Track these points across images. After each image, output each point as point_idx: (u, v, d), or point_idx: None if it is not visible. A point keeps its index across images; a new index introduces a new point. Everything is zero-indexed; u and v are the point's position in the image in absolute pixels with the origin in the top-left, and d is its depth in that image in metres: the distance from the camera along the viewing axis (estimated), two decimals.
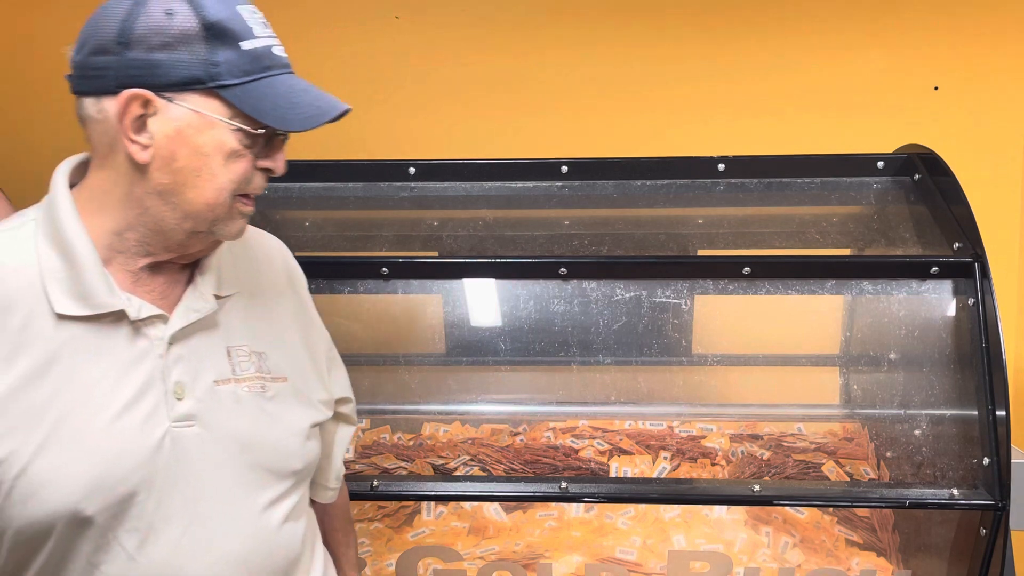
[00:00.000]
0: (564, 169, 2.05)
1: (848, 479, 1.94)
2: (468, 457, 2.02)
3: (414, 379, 2.22)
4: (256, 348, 1.15)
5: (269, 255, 1.26)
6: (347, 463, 2.10)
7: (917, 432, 1.86)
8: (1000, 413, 1.61)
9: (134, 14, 0.98)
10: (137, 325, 1.04)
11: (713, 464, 2.04)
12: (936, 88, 2.40)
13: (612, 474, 1.99)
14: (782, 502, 1.78)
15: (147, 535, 1.03)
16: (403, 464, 2.04)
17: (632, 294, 1.91)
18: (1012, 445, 1.63)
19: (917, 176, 1.95)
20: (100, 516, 1.00)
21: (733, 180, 2.04)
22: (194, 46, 0.98)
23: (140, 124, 0.98)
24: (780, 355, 2.23)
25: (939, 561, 1.78)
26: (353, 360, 2.25)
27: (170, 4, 0.98)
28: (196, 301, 1.09)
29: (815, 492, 1.74)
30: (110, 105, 0.99)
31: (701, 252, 2.12)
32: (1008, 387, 1.62)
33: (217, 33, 0.98)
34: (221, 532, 1.08)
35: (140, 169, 1.00)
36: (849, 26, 2.41)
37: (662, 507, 1.92)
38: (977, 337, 1.65)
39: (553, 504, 1.96)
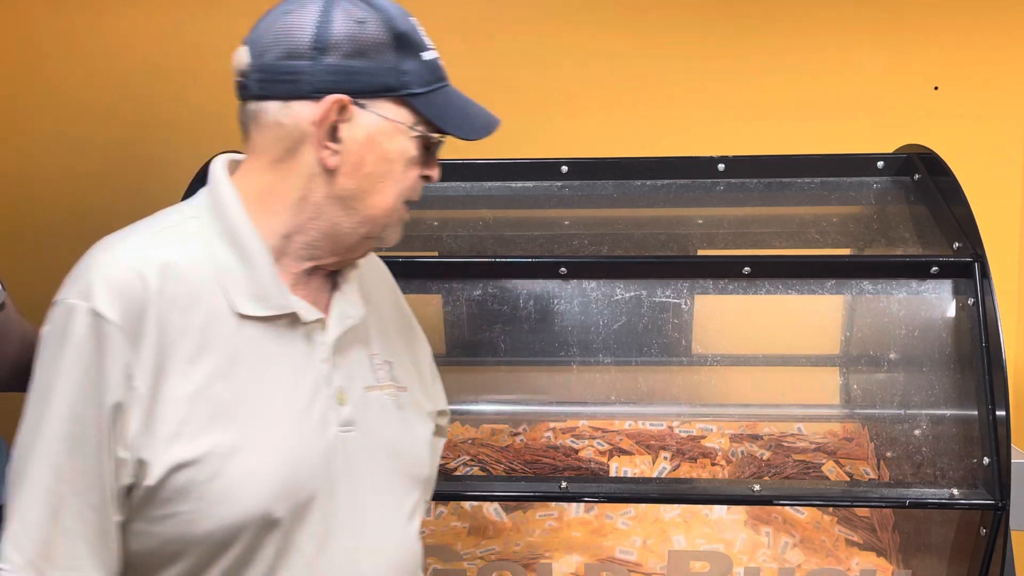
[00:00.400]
0: (564, 169, 2.05)
1: (848, 479, 1.94)
2: (468, 457, 2.02)
3: None
4: (386, 357, 1.16)
5: (378, 265, 1.28)
6: None
7: (917, 432, 1.86)
8: (1000, 413, 1.61)
9: (326, 21, 1.00)
10: (304, 328, 1.05)
11: (713, 464, 2.04)
12: (936, 88, 2.40)
13: (612, 474, 1.99)
14: (782, 502, 1.78)
15: (324, 540, 1.03)
16: None
17: (632, 294, 1.91)
18: (1012, 445, 1.63)
19: (917, 176, 1.95)
20: (287, 519, 1.00)
21: (733, 180, 2.04)
22: (385, 55, 1.01)
23: (332, 129, 1.00)
24: (780, 355, 2.23)
25: (939, 561, 1.78)
26: None
27: (360, 14, 1.01)
28: (349, 307, 1.10)
29: (815, 492, 1.74)
30: (302, 109, 1.00)
31: (701, 252, 2.12)
32: (1008, 387, 1.62)
33: (404, 43, 1.02)
34: (383, 540, 1.09)
35: (325, 174, 1.01)
36: (849, 26, 2.41)
37: (662, 507, 1.92)
38: (977, 337, 1.65)
39: (553, 504, 1.96)
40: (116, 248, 1.00)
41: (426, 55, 1.04)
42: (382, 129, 1.02)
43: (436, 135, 1.06)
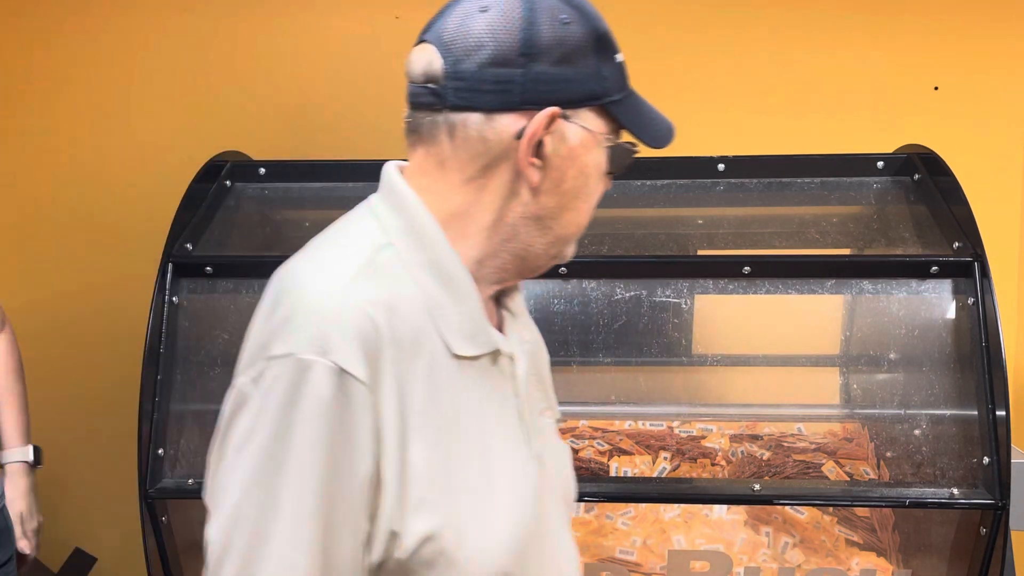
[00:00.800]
0: None
1: (848, 479, 1.94)
2: None
3: None
4: (533, 373, 1.07)
5: None
6: None
7: (917, 432, 1.86)
8: (1000, 413, 1.61)
9: (532, 22, 0.89)
10: (499, 363, 0.95)
11: (713, 464, 2.04)
12: (936, 88, 2.40)
13: (612, 474, 1.98)
14: (782, 501, 1.78)
15: None
16: None
17: (632, 294, 1.91)
18: (1012, 445, 1.63)
19: (917, 176, 1.95)
20: (518, 570, 0.91)
21: (733, 180, 2.04)
22: (588, 59, 0.91)
23: (538, 144, 0.89)
24: (780, 355, 2.23)
25: (939, 561, 1.78)
26: None
27: (562, 12, 0.90)
28: (523, 331, 1.02)
29: (815, 491, 1.74)
30: (507, 122, 0.89)
31: (701, 252, 2.12)
32: (1008, 387, 1.62)
33: (603, 45, 0.92)
34: (572, 569, 1.01)
35: (524, 193, 0.91)
36: (849, 26, 2.41)
37: (662, 507, 1.92)
38: (977, 337, 1.65)
39: None
40: (331, 286, 0.86)
41: (618, 57, 0.94)
42: (583, 141, 0.92)
43: (631, 145, 0.96)
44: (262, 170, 2.08)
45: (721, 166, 2.02)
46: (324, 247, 0.93)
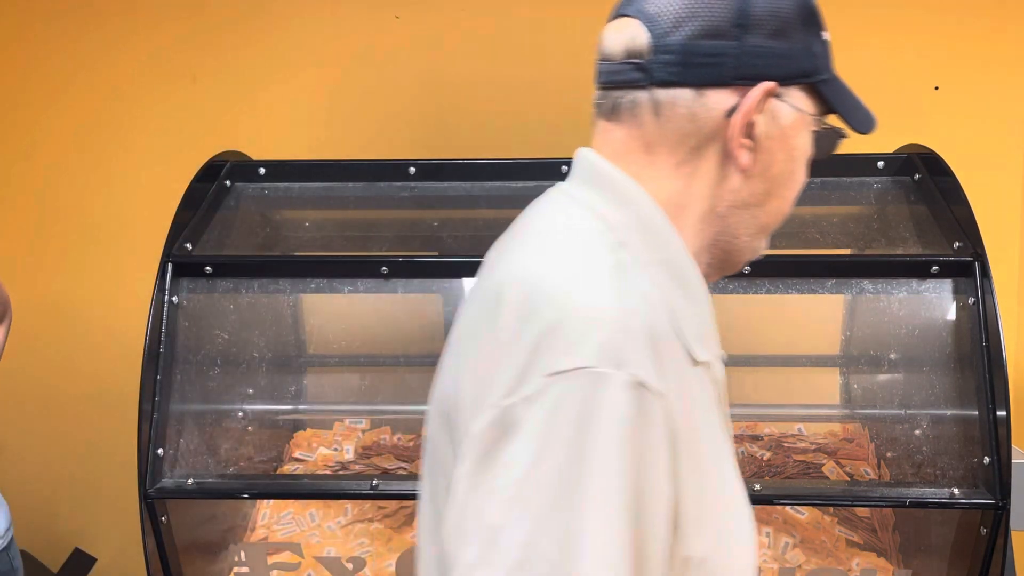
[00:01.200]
0: (564, 169, 2.04)
1: (848, 479, 1.94)
2: None
3: (414, 379, 2.22)
4: None
5: None
6: (347, 463, 2.11)
7: (917, 432, 1.86)
8: (1000, 413, 1.61)
9: None
10: (715, 366, 0.88)
11: None
12: (936, 88, 2.40)
13: None
14: (782, 501, 1.78)
15: None
16: (403, 464, 2.04)
17: None
18: (1012, 445, 1.63)
19: (917, 176, 1.95)
20: None
21: None
22: (799, 34, 0.84)
23: (749, 123, 0.83)
24: (780, 355, 2.23)
25: (939, 561, 1.78)
26: (353, 360, 2.27)
27: None
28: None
29: (815, 492, 1.74)
30: (719, 99, 0.82)
31: None
32: (1008, 387, 1.62)
33: (814, 19, 0.85)
34: None
35: (734, 176, 0.85)
36: (849, 25, 2.41)
37: None
38: (977, 337, 1.65)
39: None
40: (598, 290, 0.77)
41: (825, 35, 0.87)
42: (793, 123, 0.85)
43: (840, 130, 0.89)
44: (262, 170, 2.08)
45: None
46: (547, 247, 0.83)
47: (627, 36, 0.84)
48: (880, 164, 2.00)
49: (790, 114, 0.84)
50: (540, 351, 0.73)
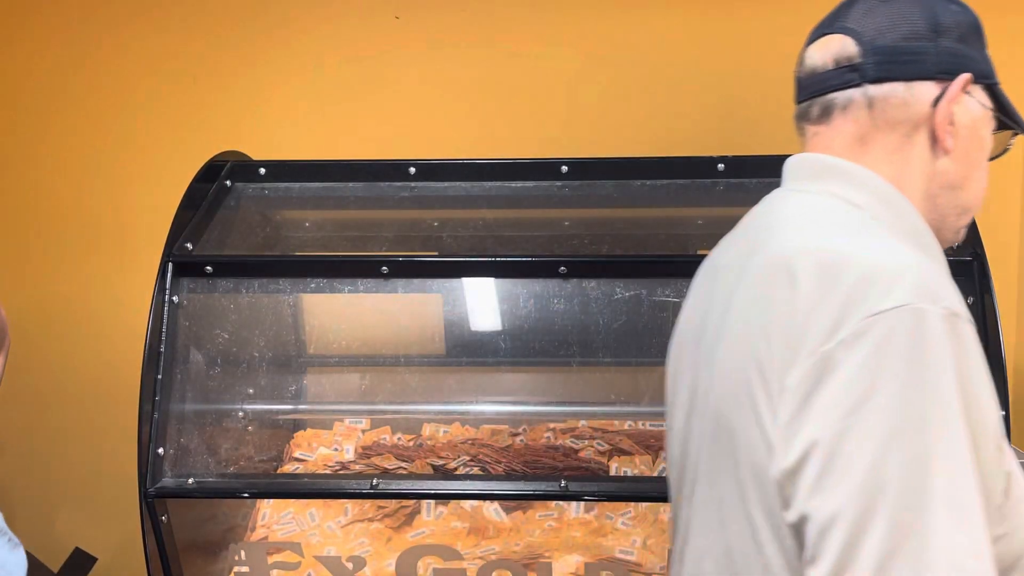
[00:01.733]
0: (564, 169, 2.05)
1: None
2: (468, 458, 2.02)
3: (414, 379, 2.22)
4: None
5: None
6: (347, 463, 2.11)
7: None
8: (1000, 413, 1.60)
9: (932, 7, 0.99)
10: None
11: None
12: None
13: (612, 474, 1.98)
14: None
15: None
16: (403, 464, 2.04)
17: (632, 293, 1.91)
18: (1012, 445, 1.62)
19: None
20: None
21: (733, 180, 2.04)
22: (975, 43, 1.02)
23: (950, 111, 0.99)
24: None
25: None
26: (353, 360, 2.27)
27: (951, 3, 1.02)
28: None
29: None
30: (925, 90, 0.98)
31: (701, 252, 2.12)
32: (1008, 387, 1.62)
33: (981, 33, 1.03)
34: None
35: (941, 159, 1.00)
36: None
37: (662, 507, 1.92)
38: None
39: (553, 504, 1.96)
40: (887, 248, 0.89)
41: (987, 50, 1.05)
42: (981, 117, 1.01)
43: (1018, 128, 1.06)
44: (262, 170, 2.08)
45: (721, 166, 2.02)
46: (811, 225, 0.95)
47: (835, 48, 1.01)
48: None
49: (977, 108, 1.01)
50: (854, 299, 0.82)
